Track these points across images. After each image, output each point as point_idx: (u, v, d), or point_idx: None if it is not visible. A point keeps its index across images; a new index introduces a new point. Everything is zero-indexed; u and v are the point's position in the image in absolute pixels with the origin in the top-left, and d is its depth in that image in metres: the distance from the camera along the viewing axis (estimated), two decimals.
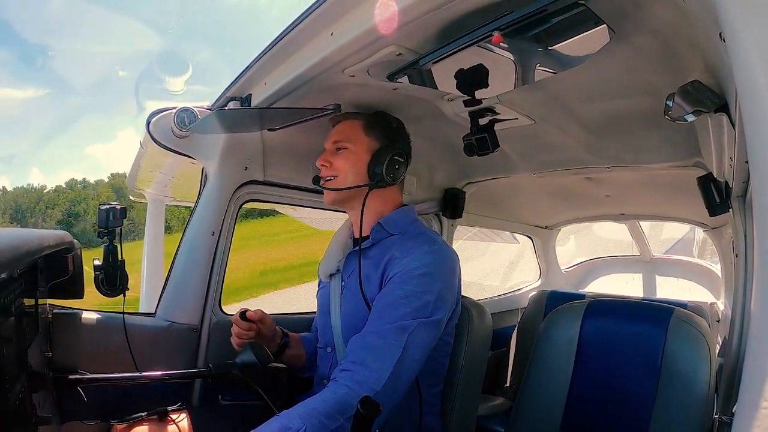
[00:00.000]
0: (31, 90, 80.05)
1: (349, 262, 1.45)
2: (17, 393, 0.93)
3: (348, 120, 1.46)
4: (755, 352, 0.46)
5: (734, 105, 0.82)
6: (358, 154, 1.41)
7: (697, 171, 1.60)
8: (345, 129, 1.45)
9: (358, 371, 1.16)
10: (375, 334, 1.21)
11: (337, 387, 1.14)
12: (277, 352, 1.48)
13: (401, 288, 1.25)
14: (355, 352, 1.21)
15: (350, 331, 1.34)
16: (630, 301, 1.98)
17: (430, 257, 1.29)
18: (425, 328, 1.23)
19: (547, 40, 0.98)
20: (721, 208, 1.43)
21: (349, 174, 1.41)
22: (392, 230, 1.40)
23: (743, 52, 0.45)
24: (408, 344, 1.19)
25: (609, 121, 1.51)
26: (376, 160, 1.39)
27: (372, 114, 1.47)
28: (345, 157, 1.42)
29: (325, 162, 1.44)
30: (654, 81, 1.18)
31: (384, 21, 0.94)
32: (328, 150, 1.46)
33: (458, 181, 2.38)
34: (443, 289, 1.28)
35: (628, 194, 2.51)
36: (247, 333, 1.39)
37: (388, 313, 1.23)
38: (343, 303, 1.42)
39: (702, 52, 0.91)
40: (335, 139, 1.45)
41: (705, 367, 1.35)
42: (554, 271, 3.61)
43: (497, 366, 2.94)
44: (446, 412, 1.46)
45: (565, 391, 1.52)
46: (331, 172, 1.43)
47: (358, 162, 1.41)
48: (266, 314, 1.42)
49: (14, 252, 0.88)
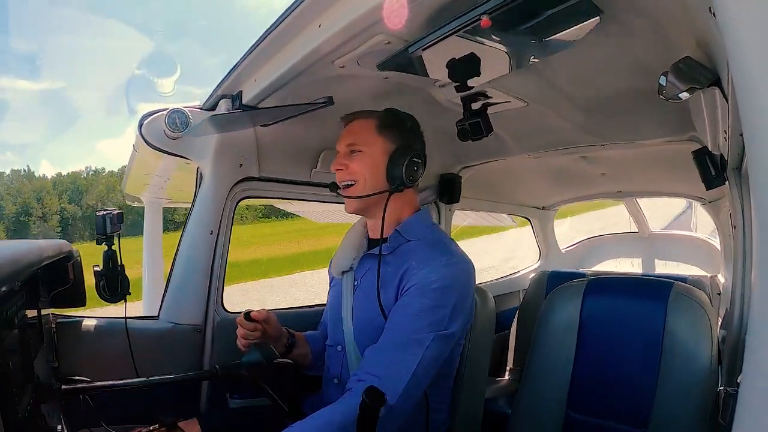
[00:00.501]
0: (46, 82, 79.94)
1: (364, 262, 1.43)
2: (26, 405, 0.93)
3: (359, 120, 1.41)
4: (757, 322, 0.46)
5: (727, 78, 0.82)
6: (374, 156, 1.36)
7: (692, 145, 1.60)
8: (357, 130, 1.39)
9: (372, 382, 1.14)
10: (392, 345, 1.21)
11: (352, 398, 1.13)
12: (284, 353, 1.46)
13: (418, 301, 1.23)
14: (372, 363, 1.21)
15: (361, 333, 1.34)
16: (629, 277, 1.99)
17: (447, 270, 1.26)
18: (440, 342, 1.23)
19: (536, 25, 0.98)
20: (717, 181, 1.44)
21: (368, 179, 1.36)
22: (410, 236, 1.38)
23: (734, 25, 0.45)
24: (423, 358, 1.19)
25: (602, 100, 1.51)
26: (394, 163, 1.34)
27: (384, 113, 1.42)
28: (361, 161, 1.37)
29: (341, 165, 1.39)
30: (645, 59, 1.17)
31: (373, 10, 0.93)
32: (342, 153, 1.40)
33: (453, 166, 2.38)
34: (458, 302, 1.26)
35: (624, 171, 2.52)
36: (252, 333, 1.37)
37: (406, 325, 1.22)
38: (355, 303, 1.41)
39: (693, 28, 0.91)
40: (349, 141, 1.39)
41: (707, 340, 1.36)
42: (554, 252, 3.62)
43: (501, 348, 2.96)
44: (454, 398, 1.47)
45: (569, 369, 1.53)
46: (348, 177, 1.38)
47: (375, 165, 1.36)
48: (271, 314, 1.40)
49: (14, 264, 0.88)
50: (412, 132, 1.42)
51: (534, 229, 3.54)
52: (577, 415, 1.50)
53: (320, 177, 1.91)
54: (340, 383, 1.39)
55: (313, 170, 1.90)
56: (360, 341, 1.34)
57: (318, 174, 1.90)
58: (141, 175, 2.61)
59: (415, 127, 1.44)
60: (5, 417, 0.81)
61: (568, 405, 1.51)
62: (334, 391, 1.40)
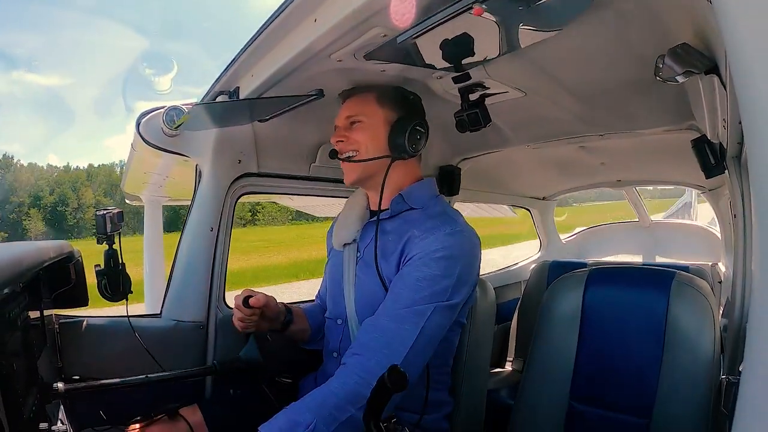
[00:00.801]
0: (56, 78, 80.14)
1: (366, 233, 1.41)
2: (30, 406, 0.94)
3: (358, 94, 1.40)
4: (758, 310, 0.46)
5: (724, 66, 0.82)
6: (375, 126, 1.35)
7: (691, 134, 1.60)
8: (356, 104, 1.39)
9: (370, 357, 1.13)
10: (390, 317, 1.18)
11: (347, 376, 1.11)
12: (281, 329, 1.46)
13: (420, 270, 1.20)
14: (368, 336, 1.18)
15: (364, 305, 1.31)
16: (631, 267, 1.99)
17: (451, 239, 1.23)
18: (442, 313, 1.19)
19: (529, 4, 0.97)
20: (716, 170, 1.43)
21: (370, 147, 1.34)
22: (413, 203, 1.36)
23: (730, 13, 0.44)
24: (424, 329, 1.16)
25: (600, 90, 1.50)
26: (397, 131, 1.33)
27: (384, 86, 1.41)
28: (361, 130, 1.36)
29: (341, 137, 1.37)
30: (642, 47, 1.17)
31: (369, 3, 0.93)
32: (341, 126, 1.39)
33: (452, 158, 2.37)
34: (463, 273, 1.23)
35: (624, 161, 2.51)
36: (249, 318, 1.34)
37: (405, 296, 1.19)
38: (358, 274, 1.38)
39: (689, 16, 0.90)
40: (347, 114, 1.38)
41: (709, 329, 1.37)
42: (554, 242, 3.63)
43: (502, 339, 2.97)
44: (456, 387, 1.47)
45: (572, 360, 1.54)
46: (350, 147, 1.36)
47: (377, 134, 1.35)
48: (270, 298, 1.37)
49: (15, 266, 0.88)
50: (413, 104, 1.42)
51: (534, 220, 3.54)
52: (580, 406, 1.51)
53: (320, 171, 1.91)
54: (339, 356, 1.37)
55: (312, 165, 1.90)
56: (362, 314, 1.31)
57: (317, 168, 1.90)
58: (140, 173, 2.61)
59: (417, 100, 1.44)
60: (10, 418, 0.82)
61: (571, 395, 1.52)
62: (333, 364, 1.37)
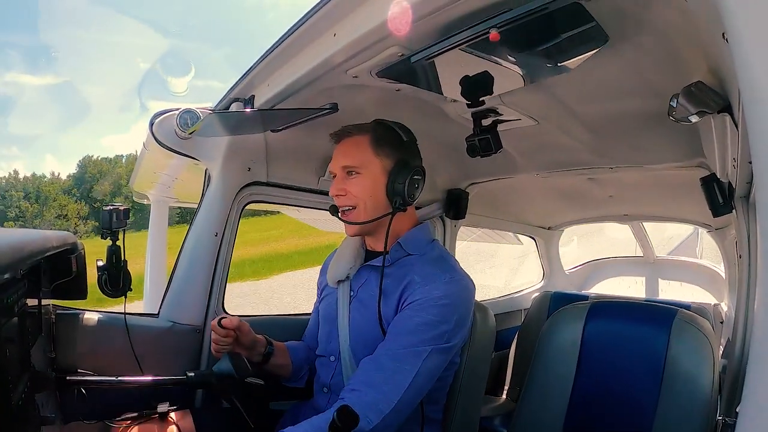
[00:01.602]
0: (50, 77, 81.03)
1: (361, 273, 1.41)
2: (20, 393, 0.93)
3: (352, 137, 1.35)
4: (759, 353, 0.45)
5: (737, 105, 0.82)
6: (373, 177, 1.32)
7: (701, 171, 1.60)
8: (352, 150, 1.34)
9: (368, 393, 1.14)
10: (389, 357, 1.19)
11: None
12: (261, 362, 1.43)
13: (420, 315, 1.22)
14: (367, 373, 1.19)
15: (358, 343, 1.33)
16: (633, 302, 1.97)
17: (450, 287, 1.26)
18: (438, 355, 1.22)
19: (546, 42, 0.99)
20: (724, 209, 1.43)
21: (368, 202, 1.32)
22: (410, 250, 1.36)
23: (746, 53, 0.45)
24: (421, 369, 1.18)
25: (612, 122, 1.51)
26: (395, 182, 1.31)
27: (375, 126, 1.37)
28: (360, 183, 1.32)
29: (340, 191, 1.34)
30: (657, 82, 1.18)
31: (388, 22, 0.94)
32: (339, 176, 1.36)
33: (461, 181, 2.38)
34: (460, 319, 1.26)
35: (632, 195, 2.51)
36: (224, 340, 1.33)
37: (405, 338, 1.21)
38: (352, 313, 1.39)
39: (705, 53, 0.91)
40: (344, 164, 1.34)
41: (708, 369, 1.35)
42: (557, 272, 3.61)
43: (500, 367, 2.94)
44: (448, 416, 1.45)
45: (568, 393, 1.52)
46: (349, 202, 1.34)
47: (375, 186, 1.32)
48: (244, 323, 1.36)
49: (17, 253, 0.88)
50: (409, 146, 1.39)
51: (538, 249, 3.53)
52: None
53: (327, 186, 1.91)
54: (330, 392, 1.38)
55: (321, 179, 1.91)
56: (356, 351, 1.33)
57: (325, 182, 1.91)
58: (150, 173, 2.63)
59: (412, 139, 1.40)
60: None
61: (565, 428, 1.49)
62: (322, 399, 1.39)
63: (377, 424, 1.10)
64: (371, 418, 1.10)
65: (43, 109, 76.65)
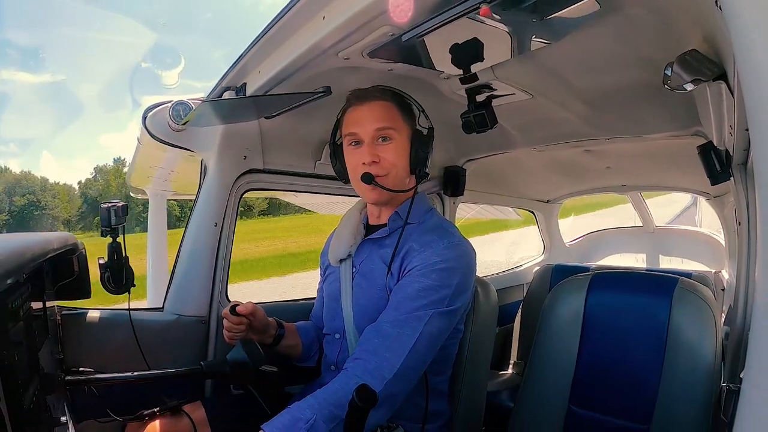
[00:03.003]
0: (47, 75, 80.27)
1: (362, 249, 1.42)
2: (31, 396, 0.94)
3: (380, 100, 1.32)
4: (761, 319, 0.46)
5: (733, 73, 0.82)
6: (402, 144, 1.31)
7: (698, 140, 1.59)
8: (384, 113, 1.31)
9: (370, 360, 1.15)
10: (390, 323, 1.20)
11: (347, 377, 1.13)
12: (271, 344, 1.45)
13: (420, 281, 1.23)
14: (369, 341, 1.20)
15: (362, 318, 1.33)
16: (634, 272, 1.99)
17: (449, 252, 1.26)
18: (440, 318, 1.22)
19: (537, 11, 0.97)
20: (722, 177, 1.43)
21: (400, 169, 1.31)
22: (410, 219, 1.36)
23: (740, 19, 0.44)
24: (422, 334, 1.18)
25: (607, 94, 1.50)
26: (418, 150, 1.32)
27: (394, 94, 1.35)
28: (393, 150, 1.30)
29: (374, 157, 1.29)
30: (651, 52, 1.17)
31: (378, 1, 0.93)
32: (369, 141, 1.30)
33: (458, 158, 2.37)
34: (460, 283, 1.25)
35: (629, 165, 2.51)
36: (237, 327, 1.35)
37: (405, 304, 1.21)
38: (355, 289, 1.40)
39: (699, 21, 0.90)
40: (379, 126, 1.29)
41: (711, 336, 1.36)
42: (558, 245, 3.62)
43: (504, 341, 2.97)
44: (455, 390, 1.47)
45: (573, 364, 1.54)
46: (383, 171, 1.30)
47: (404, 154, 1.32)
48: (258, 307, 1.37)
49: (19, 257, 0.88)
50: (422, 115, 1.39)
51: (538, 223, 3.54)
52: (579, 410, 1.50)
53: (325, 169, 1.90)
54: (337, 370, 1.38)
55: (318, 162, 1.90)
56: (360, 327, 1.32)
57: (322, 166, 1.90)
58: (145, 167, 2.62)
59: (422, 108, 1.40)
60: (11, 408, 0.82)
61: (571, 399, 1.52)
62: (330, 377, 1.37)
63: (380, 390, 1.10)
64: (374, 385, 1.08)
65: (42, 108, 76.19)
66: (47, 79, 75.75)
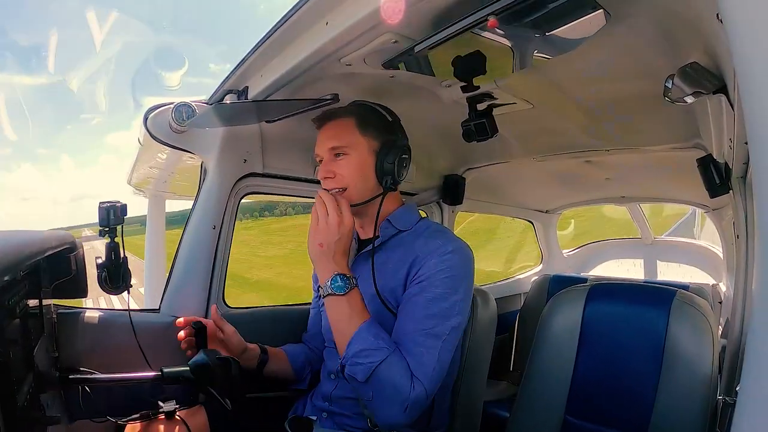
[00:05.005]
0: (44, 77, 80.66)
1: (358, 265, 1.42)
2: (25, 394, 0.93)
3: (337, 119, 1.36)
4: (757, 332, 0.46)
5: (733, 86, 0.82)
6: (361, 157, 1.33)
7: (697, 152, 1.60)
8: (338, 132, 1.35)
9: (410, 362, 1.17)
10: (412, 341, 1.20)
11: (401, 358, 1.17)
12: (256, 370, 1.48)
13: (430, 291, 1.23)
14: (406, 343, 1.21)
15: None
16: (632, 284, 1.99)
17: (454, 258, 1.27)
18: (455, 331, 1.23)
19: (543, 25, 0.97)
20: (721, 189, 1.43)
21: (359, 182, 1.33)
22: (400, 226, 1.37)
23: (741, 33, 0.44)
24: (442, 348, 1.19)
25: (608, 104, 1.50)
26: (384, 162, 1.32)
27: (359, 108, 1.39)
28: (348, 164, 1.33)
29: (328, 173, 1.35)
30: (652, 63, 1.17)
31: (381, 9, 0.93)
32: (326, 159, 1.37)
33: (458, 167, 2.38)
34: (467, 289, 1.27)
35: (629, 177, 2.51)
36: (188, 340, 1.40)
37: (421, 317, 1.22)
38: None
39: (700, 34, 0.91)
40: (331, 145, 1.35)
41: (708, 349, 1.36)
42: (556, 255, 3.62)
43: (501, 351, 2.96)
44: (452, 399, 1.46)
45: (569, 375, 1.53)
46: (338, 184, 1.34)
47: (364, 167, 1.33)
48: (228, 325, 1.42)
49: (17, 254, 0.88)
50: (394, 126, 1.40)
51: (537, 233, 3.54)
52: (575, 421, 1.50)
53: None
54: (337, 378, 1.38)
55: (317, 168, 1.90)
56: None
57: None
58: (146, 168, 2.62)
59: (396, 119, 1.41)
60: (4, 405, 0.82)
61: (567, 410, 1.51)
62: (329, 384, 1.40)
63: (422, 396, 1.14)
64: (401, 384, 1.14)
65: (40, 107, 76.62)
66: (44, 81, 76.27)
